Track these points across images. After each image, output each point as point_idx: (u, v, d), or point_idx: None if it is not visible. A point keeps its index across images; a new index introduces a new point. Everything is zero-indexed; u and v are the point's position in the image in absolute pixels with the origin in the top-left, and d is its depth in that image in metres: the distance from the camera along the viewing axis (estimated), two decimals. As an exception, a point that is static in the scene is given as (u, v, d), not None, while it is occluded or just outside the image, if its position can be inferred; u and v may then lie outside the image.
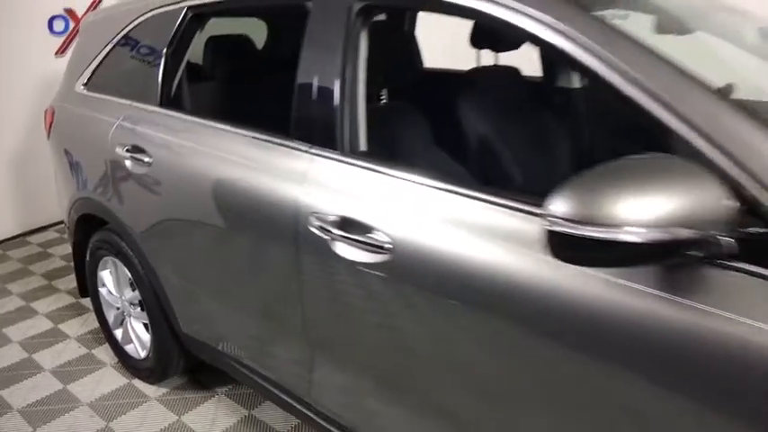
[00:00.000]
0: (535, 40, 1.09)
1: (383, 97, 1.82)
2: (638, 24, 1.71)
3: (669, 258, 0.82)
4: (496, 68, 2.25)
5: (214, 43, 2.15)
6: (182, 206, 1.80)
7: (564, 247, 0.81)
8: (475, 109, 1.99)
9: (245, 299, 1.70)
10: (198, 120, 1.79)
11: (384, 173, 1.28)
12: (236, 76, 2.11)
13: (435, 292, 1.16)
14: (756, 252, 0.81)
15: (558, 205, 0.79)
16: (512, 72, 2.13)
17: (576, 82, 2.12)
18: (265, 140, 1.53)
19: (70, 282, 3.09)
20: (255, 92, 1.70)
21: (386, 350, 1.33)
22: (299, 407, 1.66)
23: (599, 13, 1.17)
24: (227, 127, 1.67)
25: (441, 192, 1.17)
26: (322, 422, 1.58)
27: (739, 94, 1.22)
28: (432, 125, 1.83)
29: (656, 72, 0.95)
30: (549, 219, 0.80)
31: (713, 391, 0.84)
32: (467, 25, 1.89)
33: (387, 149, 1.60)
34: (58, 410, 2.22)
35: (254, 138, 1.57)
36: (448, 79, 2.27)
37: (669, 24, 1.52)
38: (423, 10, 1.70)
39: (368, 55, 1.42)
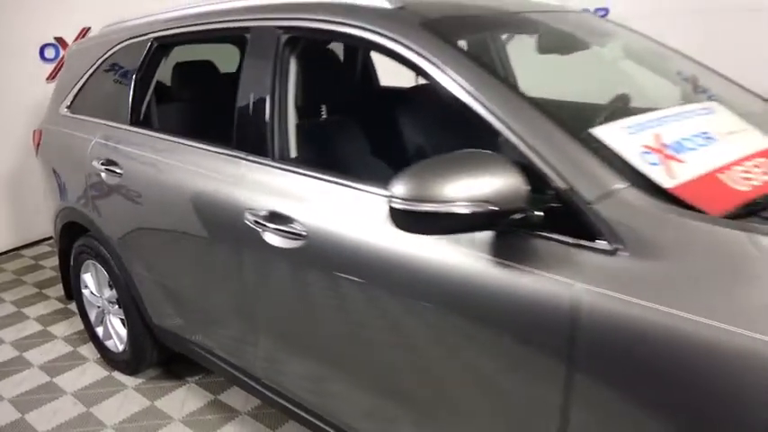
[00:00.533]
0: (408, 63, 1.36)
1: (323, 112, 2.10)
2: (521, 45, 1.99)
3: (485, 227, 1.08)
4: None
5: (180, 69, 2.43)
6: (147, 210, 2.07)
7: (403, 220, 1.07)
8: (410, 122, 2.27)
9: (200, 289, 1.97)
10: (161, 135, 2.06)
11: (303, 174, 1.54)
12: (198, 97, 2.39)
13: (337, 268, 1.42)
14: (555, 222, 1.08)
15: (398, 188, 1.05)
16: None
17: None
18: (214, 151, 1.81)
19: (59, 290, 3.32)
20: (211, 110, 1.96)
21: (304, 321, 1.59)
22: (253, 384, 1.90)
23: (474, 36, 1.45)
24: (185, 141, 1.94)
25: (341, 187, 1.43)
26: (274, 397, 1.82)
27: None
28: (369, 136, 2.10)
29: (494, 93, 1.21)
30: (391, 198, 1.06)
31: (524, 327, 1.10)
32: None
33: (322, 157, 1.88)
34: (45, 399, 2.46)
35: (205, 150, 1.84)
36: (391, 96, 2.54)
37: (551, 45, 1.79)
38: (337, 41, 1.96)
39: (302, 77, 1.70)
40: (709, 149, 1.22)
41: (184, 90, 2.39)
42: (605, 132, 1.16)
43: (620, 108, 1.54)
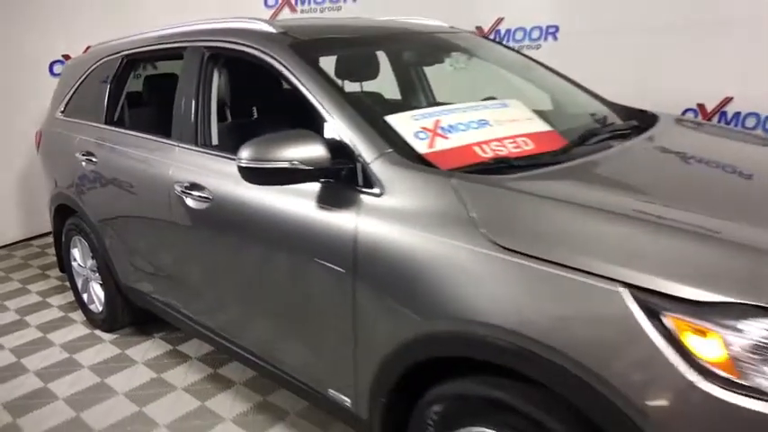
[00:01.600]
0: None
1: (254, 113, 2.64)
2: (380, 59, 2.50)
3: (303, 181, 1.59)
4: (362, 93, 3.05)
5: (149, 80, 3.00)
6: (113, 189, 2.63)
7: (246, 175, 1.59)
8: (287, 117, 2.71)
9: (150, 249, 2.51)
10: (126, 131, 2.63)
11: (213, 155, 2.08)
12: (160, 102, 2.95)
13: (228, 221, 1.96)
14: (352, 177, 1.58)
15: (243, 153, 1.57)
16: (375, 95, 2.92)
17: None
18: (159, 141, 2.36)
19: (59, 272, 3.92)
20: (166, 112, 2.50)
21: (212, 263, 2.13)
22: (190, 323, 2.43)
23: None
24: (142, 135, 2.50)
25: (230, 161, 1.94)
26: (210, 335, 2.33)
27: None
28: (265, 127, 2.56)
29: (325, 94, 1.73)
30: (239, 160, 1.58)
31: (331, 247, 1.59)
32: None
33: (233, 143, 2.38)
34: (38, 349, 3.02)
35: (154, 140, 2.40)
36: (287, 98, 3.03)
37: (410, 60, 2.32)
38: (242, 58, 2.43)
39: (221, 84, 2.24)
40: (478, 131, 1.72)
41: (151, 96, 2.95)
42: (395, 118, 1.67)
43: (431, 103, 2.04)
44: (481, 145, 1.66)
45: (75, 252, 3.21)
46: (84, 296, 3.24)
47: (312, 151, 1.55)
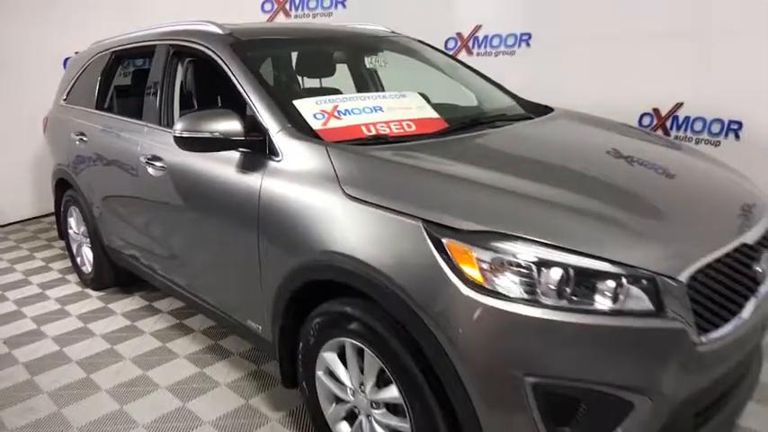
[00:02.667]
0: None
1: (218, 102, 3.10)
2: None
3: (223, 149, 2.03)
4: (320, 89, 3.49)
5: (135, 73, 3.49)
6: (98, 163, 3.11)
7: (179, 143, 2.03)
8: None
9: (123, 212, 2.98)
10: (111, 115, 3.12)
11: (169, 132, 2.52)
12: (141, 91, 3.42)
13: (176, 186, 2.41)
14: (263, 147, 2.02)
15: (177, 125, 2.02)
16: (332, 91, 3.37)
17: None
18: (134, 123, 2.83)
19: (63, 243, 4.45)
20: (143, 99, 2.97)
21: (166, 222, 2.58)
22: (155, 276, 2.89)
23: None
24: (122, 117, 2.98)
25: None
26: (169, 283, 2.79)
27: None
28: None
29: (248, 83, 2.17)
30: (174, 130, 2.03)
31: (244, 202, 2.03)
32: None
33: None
34: (36, 301, 3.52)
35: (130, 122, 2.87)
36: None
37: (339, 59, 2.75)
38: (198, 55, 2.85)
39: (190, 77, 2.70)
40: (370, 115, 2.14)
41: (136, 87, 3.43)
42: (301, 102, 2.11)
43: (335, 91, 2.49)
44: (368, 125, 2.09)
45: (72, 221, 3.71)
46: (78, 259, 3.74)
47: (229, 125, 2.00)
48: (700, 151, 2.38)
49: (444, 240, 1.48)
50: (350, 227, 1.70)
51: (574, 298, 1.40)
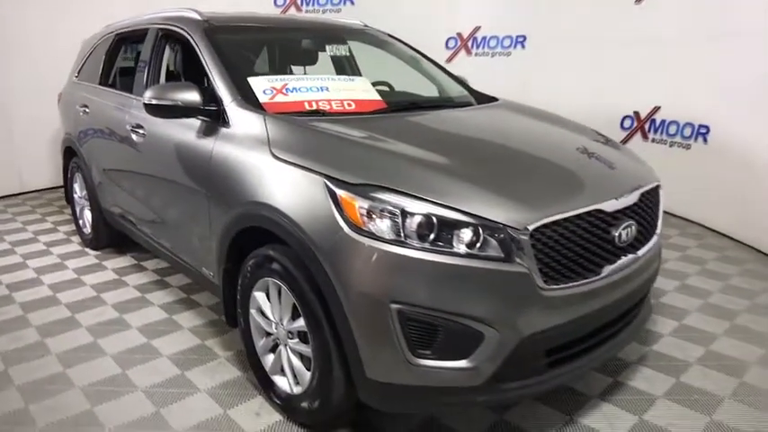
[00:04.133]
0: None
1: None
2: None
3: (184, 116, 2.37)
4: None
5: (132, 53, 3.87)
6: (96, 132, 3.50)
7: (148, 109, 2.37)
8: None
9: (115, 177, 3.35)
10: (110, 90, 3.50)
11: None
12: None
13: (153, 149, 2.76)
14: (218, 116, 2.35)
15: (146, 93, 2.36)
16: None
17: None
18: (125, 96, 3.20)
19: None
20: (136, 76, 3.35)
21: (145, 181, 2.94)
22: (136, 231, 3.26)
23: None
24: (118, 91, 3.36)
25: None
26: (145, 237, 3.16)
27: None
28: None
29: (213, 63, 2.51)
30: (144, 97, 2.37)
31: (198, 160, 2.36)
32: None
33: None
34: (40, 256, 3.94)
35: (122, 95, 3.25)
36: None
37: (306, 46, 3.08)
38: (180, 38, 3.27)
39: (176, 56, 3.06)
40: (315, 93, 2.45)
41: (132, 65, 3.82)
42: (254, 79, 2.43)
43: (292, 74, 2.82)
44: (311, 102, 2.40)
45: (76, 186, 4.12)
46: (80, 222, 4.15)
47: (189, 95, 2.33)
48: (608, 138, 2.60)
49: (338, 192, 1.79)
50: (273, 182, 2.02)
51: (438, 242, 1.68)
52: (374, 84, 3.16)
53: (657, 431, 2.12)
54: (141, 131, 2.88)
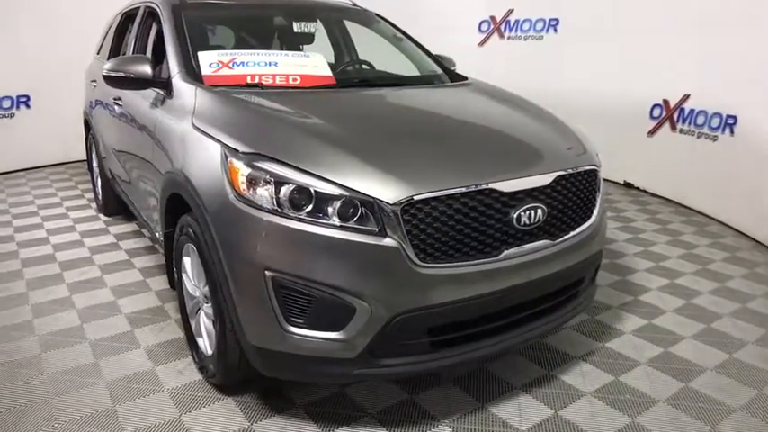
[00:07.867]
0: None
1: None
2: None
3: (141, 87, 2.50)
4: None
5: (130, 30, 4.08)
6: (99, 106, 3.73)
7: (106, 80, 2.51)
8: None
9: (110, 144, 3.57)
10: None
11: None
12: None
13: (126, 117, 2.92)
14: (167, 88, 2.46)
15: (105, 65, 2.50)
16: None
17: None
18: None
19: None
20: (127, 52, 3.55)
21: (123, 154, 3.12)
22: (131, 205, 3.46)
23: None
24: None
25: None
26: (125, 200, 3.35)
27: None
28: None
29: (174, 39, 2.61)
30: (103, 70, 2.51)
31: (153, 124, 2.49)
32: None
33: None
34: (57, 218, 4.27)
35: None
36: None
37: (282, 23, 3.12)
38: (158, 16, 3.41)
39: (153, 32, 3.22)
40: (262, 68, 2.50)
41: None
42: (204, 54, 2.50)
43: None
44: (254, 76, 2.45)
45: (93, 156, 4.41)
46: (96, 190, 4.45)
47: (141, 68, 2.45)
48: (558, 120, 2.46)
49: (229, 160, 1.83)
50: (189, 151, 2.10)
51: (317, 214, 1.70)
52: (354, 62, 3.20)
53: (568, 427, 2.03)
54: (120, 103, 3.05)
